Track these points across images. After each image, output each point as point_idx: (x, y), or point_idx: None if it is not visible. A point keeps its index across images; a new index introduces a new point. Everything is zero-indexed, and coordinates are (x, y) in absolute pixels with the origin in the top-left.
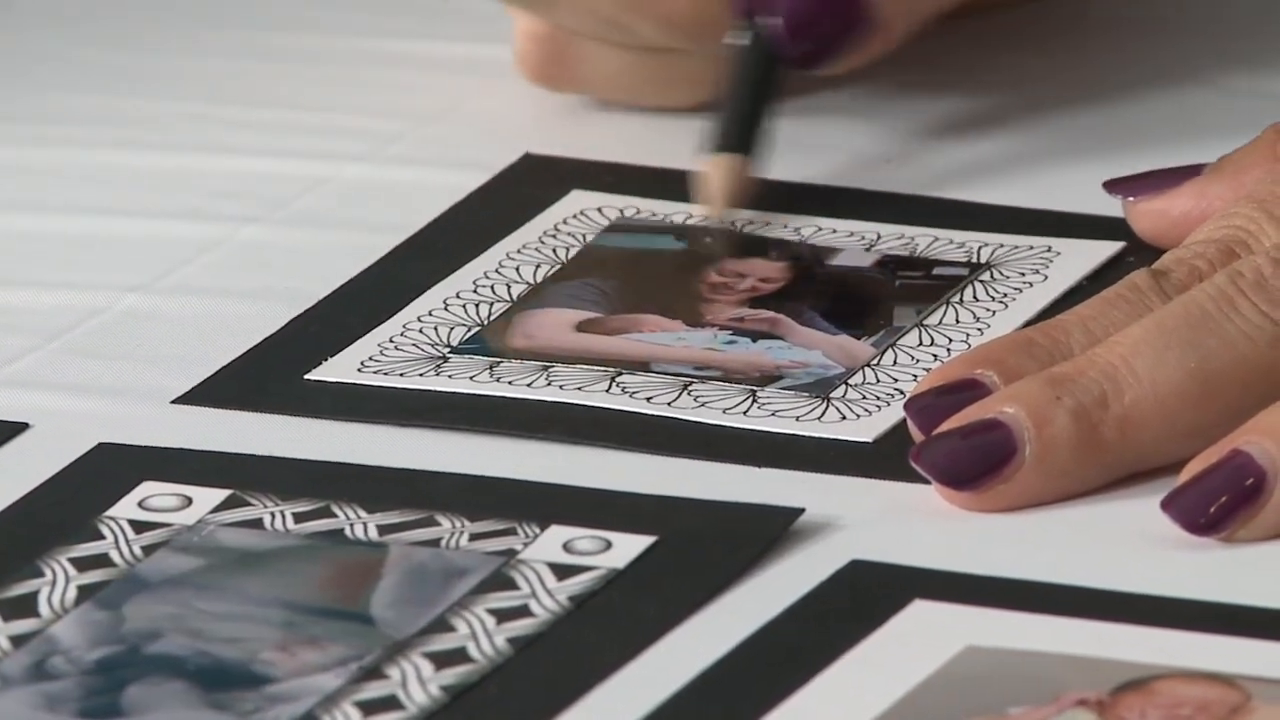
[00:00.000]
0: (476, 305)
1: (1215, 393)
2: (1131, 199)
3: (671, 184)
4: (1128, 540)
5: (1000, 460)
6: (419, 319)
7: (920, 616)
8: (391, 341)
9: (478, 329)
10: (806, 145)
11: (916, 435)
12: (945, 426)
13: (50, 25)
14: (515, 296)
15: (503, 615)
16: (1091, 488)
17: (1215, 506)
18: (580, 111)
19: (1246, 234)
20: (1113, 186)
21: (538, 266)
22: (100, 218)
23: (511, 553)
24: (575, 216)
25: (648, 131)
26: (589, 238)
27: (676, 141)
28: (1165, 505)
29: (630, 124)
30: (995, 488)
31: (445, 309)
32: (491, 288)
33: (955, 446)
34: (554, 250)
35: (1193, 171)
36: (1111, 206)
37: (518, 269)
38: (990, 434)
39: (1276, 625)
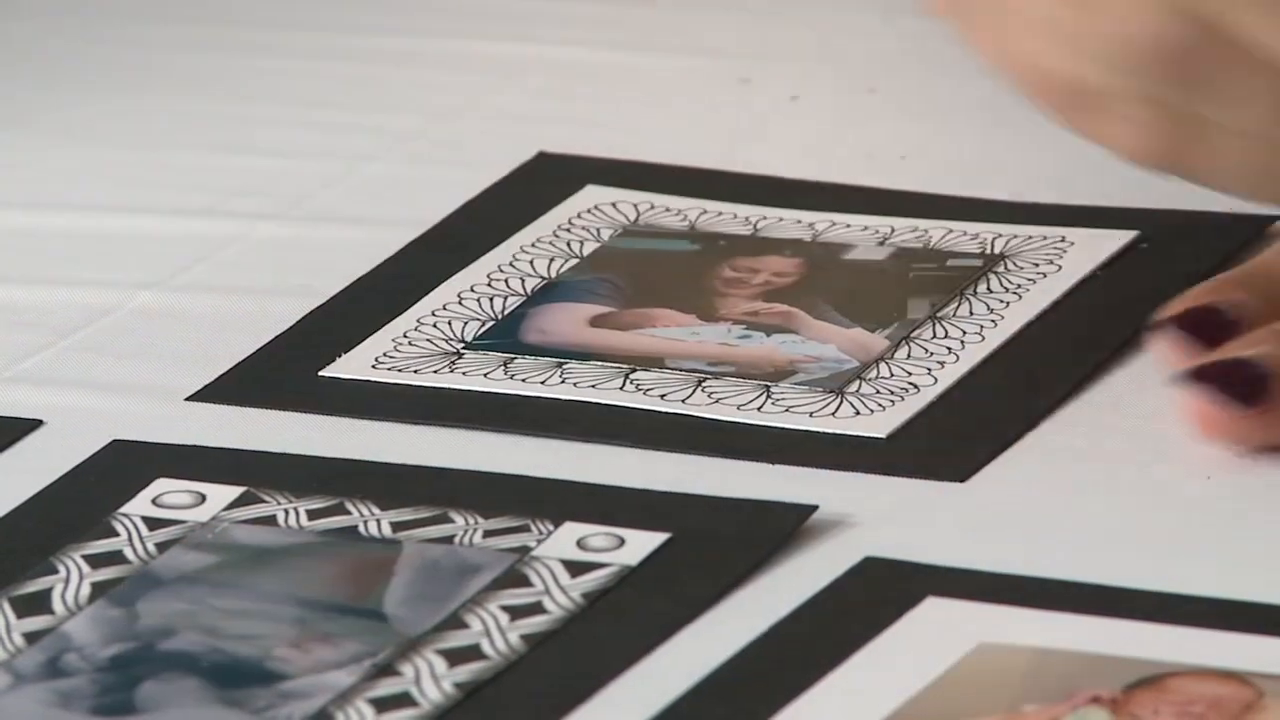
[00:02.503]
0: (491, 299)
1: None
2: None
3: (686, 181)
4: (1140, 538)
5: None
6: (433, 314)
7: (933, 614)
8: (406, 337)
9: (492, 323)
10: (819, 140)
11: (1175, 356)
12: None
13: (63, 24)
14: (529, 291)
15: (516, 612)
16: None
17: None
18: (593, 110)
19: None
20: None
21: (551, 260)
22: (114, 215)
23: (525, 549)
24: (590, 211)
25: (661, 130)
26: (604, 234)
27: (690, 139)
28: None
29: (644, 122)
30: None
31: (459, 303)
32: (506, 281)
33: (1225, 368)
34: (568, 244)
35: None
36: (1123, 197)
37: (532, 263)
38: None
39: None
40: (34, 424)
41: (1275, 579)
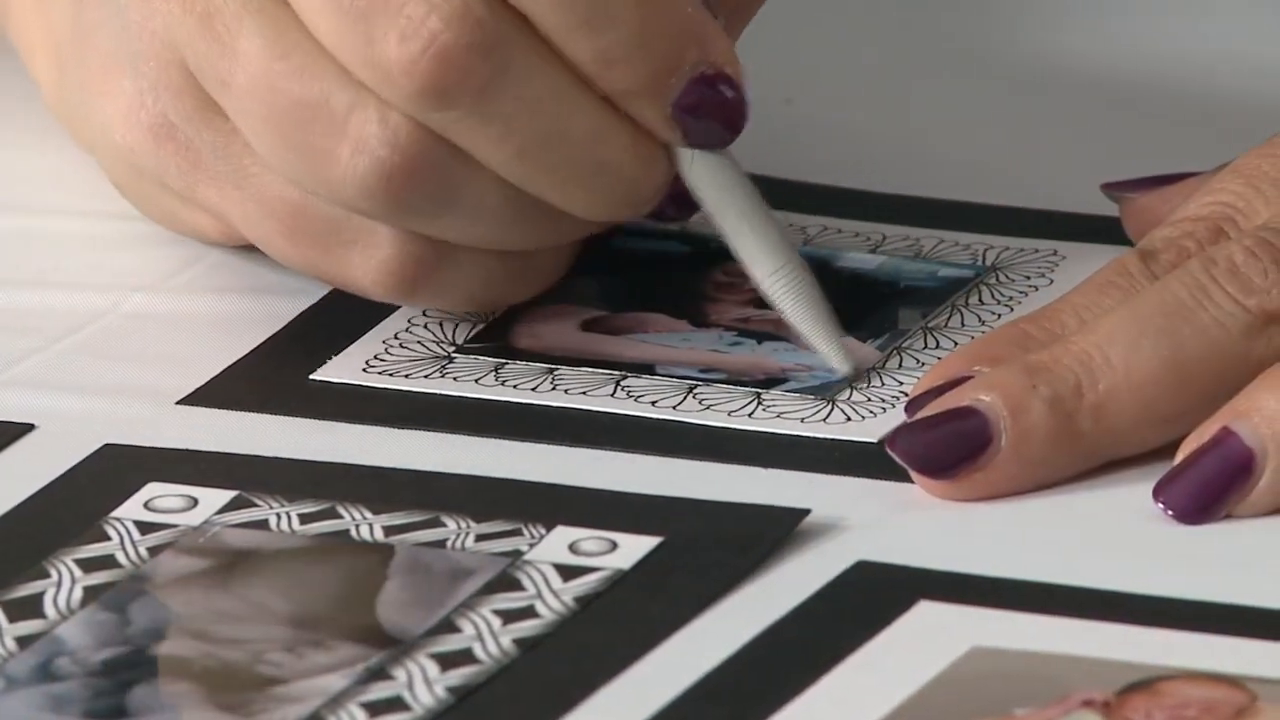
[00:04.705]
0: None
1: (1189, 381)
2: (1128, 196)
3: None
4: (1134, 540)
5: (976, 449)
6: (424, 313)
7: (926, 617)
8: (397, 338)
9: (483, 326)
10: (812, 144)
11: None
12: (921, 414)
13: None
14: None
15: (509, 616)
16: (1068, 476)
17: (1206, 493)
18: None
19: (1234, 210)
20: (1110, 187)
21: None
22: (106, 218)
23: (517, 553)
24: None
25: None
26: None
27: None
28: (1157, 493)
29: None
30: (971, 476)
31: None
32: None
33: (931, 435)
34: None
35: (1192, 177)
36: (1116, 207)
37: None
38: (965, 421)
39: None
40: (26, 428)
41: (1269, 582)
